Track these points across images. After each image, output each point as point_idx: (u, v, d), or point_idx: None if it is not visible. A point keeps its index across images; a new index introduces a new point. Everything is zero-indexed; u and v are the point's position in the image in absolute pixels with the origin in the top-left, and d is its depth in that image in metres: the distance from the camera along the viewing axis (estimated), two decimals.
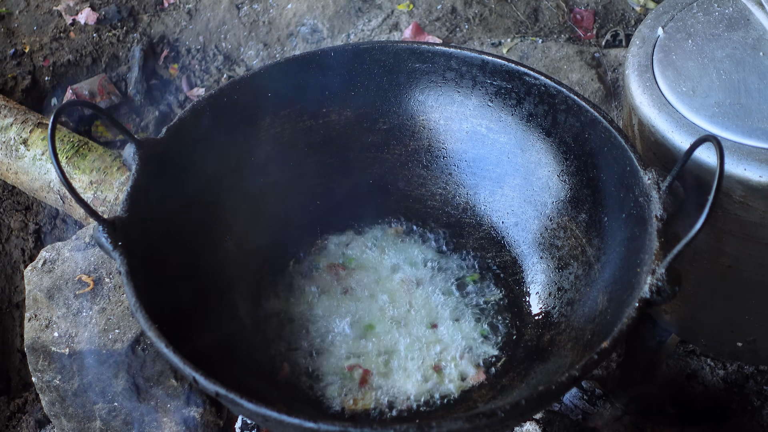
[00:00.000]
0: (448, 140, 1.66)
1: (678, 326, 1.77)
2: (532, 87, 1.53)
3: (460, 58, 1.59)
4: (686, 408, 1.78)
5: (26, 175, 2.01)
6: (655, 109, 1.47)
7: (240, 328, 1.51)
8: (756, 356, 1.70)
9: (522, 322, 1.53)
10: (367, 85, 1.64)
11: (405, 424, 1.09)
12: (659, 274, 1.19)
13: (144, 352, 1.54)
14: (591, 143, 1.47)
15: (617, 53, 2.27)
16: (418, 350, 1.49)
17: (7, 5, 2.50)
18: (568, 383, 1.15)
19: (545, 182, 1.56)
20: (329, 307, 1.55)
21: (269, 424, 1.17)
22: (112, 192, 1.90)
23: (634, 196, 1.34)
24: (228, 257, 1.54)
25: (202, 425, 1.61)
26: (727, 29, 1.55)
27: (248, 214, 1.59)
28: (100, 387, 1.57)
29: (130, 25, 2.48)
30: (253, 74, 1.56)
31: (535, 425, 1.56)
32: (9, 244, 2.18)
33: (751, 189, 1.38)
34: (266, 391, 1.40)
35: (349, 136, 1.66)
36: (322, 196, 1.67)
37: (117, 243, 1.26)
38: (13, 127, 2.02)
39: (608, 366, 1.77)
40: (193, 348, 1.21)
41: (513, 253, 1.61)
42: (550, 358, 1.42)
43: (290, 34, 2.45)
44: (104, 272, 1.62)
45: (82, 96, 2.33)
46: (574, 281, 1.48)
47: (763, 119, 1.41)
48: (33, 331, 1.56)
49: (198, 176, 1.49)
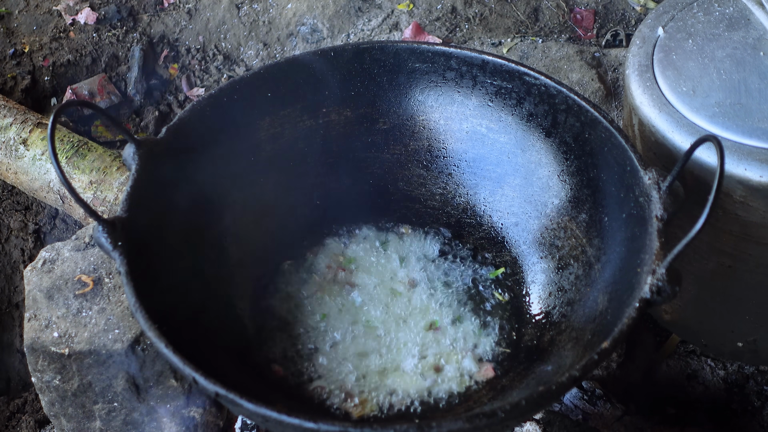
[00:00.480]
0: (448, 140, 1.66)
1: (678, 326, 1.77)
2: (533, 87, 1.53)
3: (460, 58, 1.59)
4: (686, 408, 1.78)
5: (26, 175, 2.01)
6: (655, 109, 1.47)
7: (240, 328, 1.51)
8: (756, 356, 1.70)
9: (522, 322, 1.53)
10: (367, 85, 1.63)
11: (405, 424, 1.09)
12: (659, 274, 1.19)
13: (144, 352, 1.54)
14: (591, 143, 1.47)
15: (617, 53, 2.27)
16: (417, 350, 1.49)
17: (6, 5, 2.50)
18: (568, 383, 1.14)
19: (545, 182, 1.56)
20: (329, 307, 1.55)
21: (269, 424, 1.17)
22: (112, 192, 1.90)
23: (635, 196, 1.33)
24: (228, 257, 1.54)
25: (202, 425, 1.61)
26: (728, 29, 1.55)
27: (248, 214, 1.59)
28: (100, 387, 1.57)
29: (130, 25, 2.48)
30: (253, 74, 1.56)
31: (535, 425, 1.56)
32: (9, 244, 2.18)
33: (752, 189, 1.38)
34: (266, 392, 1.40)
35: (349, 136, 1.66)
36: (321, 196, 1.67)
37: (117, 243, 1.26)
38: (12, 127, 2.02)
39: (608, 366, 1.77)
40: (193, 348, 1.21)
41: (513, 253, 1.61)
42: (550, 358, 1.41)
43: (290, 34, 2.45)
44: (104, 272, 1.62)
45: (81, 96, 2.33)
46: (575, 281, 1.48)
47: (763, 119, 1.41)
48: (33, 331, 1.56)
49: (198, 176, 1.49)
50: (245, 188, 1.59)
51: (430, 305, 1.55)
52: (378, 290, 1.57)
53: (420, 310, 1.54)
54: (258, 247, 1.59)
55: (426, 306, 1.55)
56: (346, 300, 1.56)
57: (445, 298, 1.56)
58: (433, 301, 1.55)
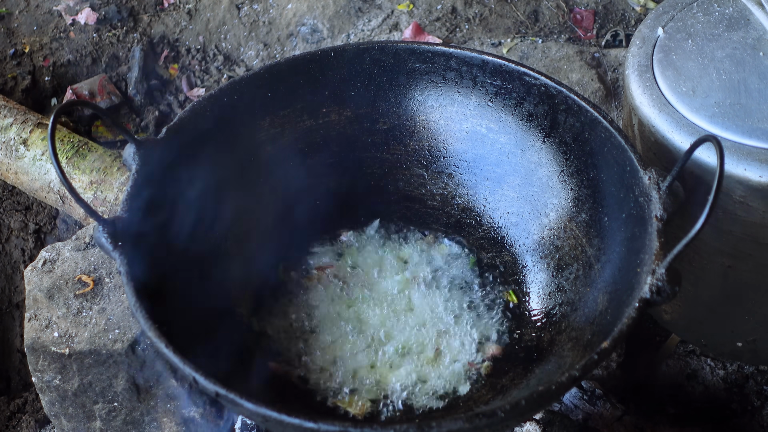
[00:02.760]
0: (448, 140, 1.66)
1: (678, 326, 1.77)
2: (532, 87, 1.53)
3: (460, 58, 1.59)
4: (686, 408, 1.78)
5: (26, 176, 2.01)
6: (655, 109, 1.47)
7: (239, 328, 1.51)
8: (756, 356, 1.70)
9: (522, 322, 1.53)
10: (367, 85, 1.64)
11: (405, 424, 1.09)
12: (659, 274, 1.19)
13: (144, 352, 1.54)
14: (591, 143, 1.47)
15: (617, 53, 2.27)
16: (417, 349, 1.49)
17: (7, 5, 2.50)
18: (568, 383, 1.15)
19: (545, 182, 1.56)
20: (329, 306, 1.55)
21: (269, 424, 1.17)
22: (112, 192, 1.90)
23: (634, 196, 1.33)
24: (227, 257, 1.54)
25: (202, 425, 1.61)
26: (727, 29, 1.55)
27: (248, 215, 1.59)
28: (100, 387, 1.57)
29: (130, 25, 2.48)
30: (253, 74, 1.56)
31: (535, 425, 1.56)
32: (9, 244, 2.18)
33: (752, 189, 1.38)
34: (266, 392, 1.40)
35: (349, 136, 1.66)
36: (321, 196, 1.67)
37: (117, 243, 1.26)
38: (13, 128, 2.02)
39: (608, 366, 1.77)
40: (193, 348, 1.21)
41: (513, 253, 1.61)
42: (550, 358, 1.41)
43: (290, 34, 2.45)
44: (104, 272, 1.62)
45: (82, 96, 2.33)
46: (574, 281, 1.48)
47: (763, 119, 1.41)
48: (33, 331, 1.56)
49: (198, 176, 1.49)
50: (245, 189, 1.59)
51: (430, 305, 1.55)
52: (378, 289, 1.57)
53: (420, 309, 1.54)
54: (258, 247, 1.59)
55: (425, 306, 1.55)
56: (346, 299, 1.56)
57: (444, 298, 1.56)
58: (432, 301, 1.55)
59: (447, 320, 1.53)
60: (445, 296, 1.56)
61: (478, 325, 1.53)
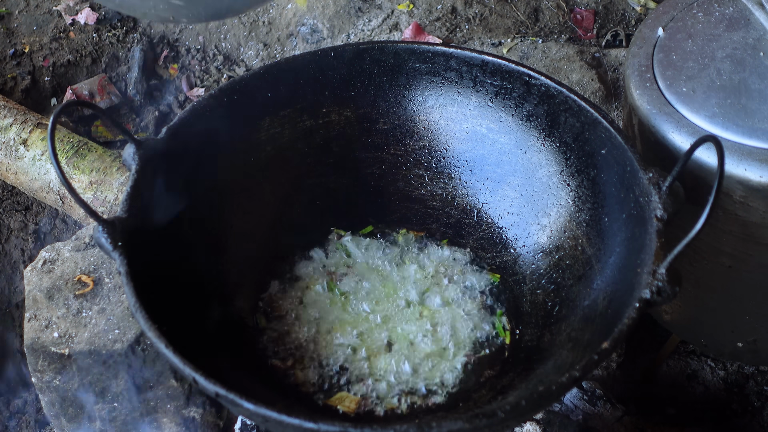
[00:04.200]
0: (448, 140, 1.66)
1: (678, 326, 1.77)
2: (533, 87, 1.53)
3: (460, 58, 1.59)
4: (686, 408, 1.78)
5: (26, 176, 2.01)
6: (655, 109, 1.47)
7: (239, 328, 1.51)
8: (756, 356, 1.70)
9: (522, 322, 1.53)
10: (367, 85, 1.64)
11: (405, 424, 1.09)
12: (659, 274, 1.19)
13: (144, 352, 1.54)
14: (591, 143, 1.47)
15: (617, 53, 2.27)
16: (416, 349, 1.49)
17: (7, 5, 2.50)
18: (568, 383, 1.14)
19: (545, 182, 1.56)
20: (328, 306, 1.55)
21: (269, 424, 1.17)
22: (111, 192, 1.90)
23: (635, 196, 1.33)
24: (227, 257, 1.54)
25: (202, 425, 1.61)
26: (728, 29, 1.55)
27: (247, 214, 1.59)
28: (100, 387, 1.57)
29: (130, 25, 2.48)
30: (253, 74, 1.56)
31: (536, 425, 1.56)
32: (9, 244, 2.18)
33: (752, 189, 1.38)
34: (266, 392, 1.40)
35: (349, 136, 1.66)
36: (321, 196, 1.67)
37: (117, 243, 1.26)
38: (12, 128, 2.02)
39: (608, 366, 1.77)
40: (193, 348, 1.21)
41: (513, 253, 1.61)
42: (550, 358, 1.41)
43: (290, 34, 2.45)
44: (104, 272, 1.62)
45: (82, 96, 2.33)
46: (575, 282, 1.48)
47: (763, 119, 1.41)
48: (33, 332, 1.56)
49: (198, 176, 1.49)
50: (245, 188, 1.59)
51: (430, 305, 1.55)
52: (378, 290, 1.57)
53: (419, 310, 1.54)
54: (257, 247, 1.59)
55: (425, 306, 1.55)
56: (346, 299, 1.56)
57: (444, 298, 1.56)
58: (432, 301, 1.55)
59: (447, 319, 1.53)
60: (445, 296, 1.56)
61: (478, 324, 1.53)
